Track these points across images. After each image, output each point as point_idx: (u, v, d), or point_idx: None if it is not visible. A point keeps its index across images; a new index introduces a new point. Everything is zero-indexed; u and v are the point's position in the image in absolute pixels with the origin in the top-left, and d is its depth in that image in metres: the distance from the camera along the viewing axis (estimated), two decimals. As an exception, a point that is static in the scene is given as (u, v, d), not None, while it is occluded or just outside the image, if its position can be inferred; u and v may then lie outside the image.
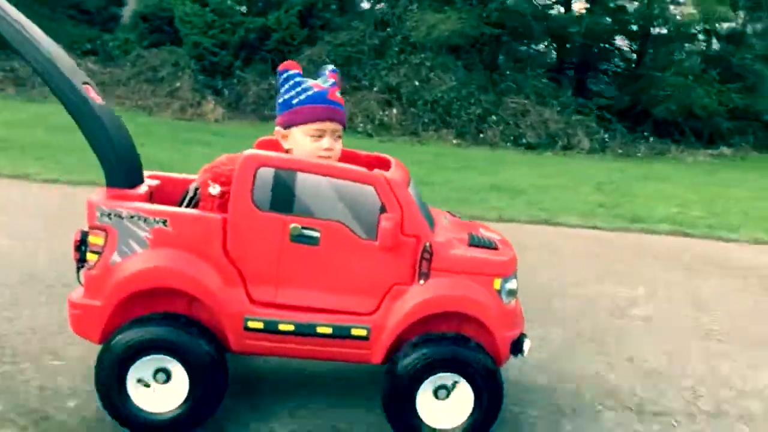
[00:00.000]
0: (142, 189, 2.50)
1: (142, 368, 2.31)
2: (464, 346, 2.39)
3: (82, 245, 2.34)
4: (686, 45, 14.84)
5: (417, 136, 11.57)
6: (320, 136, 2.46)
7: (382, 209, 2.34)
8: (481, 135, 11.69)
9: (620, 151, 12.21)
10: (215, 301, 2.32)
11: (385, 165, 2.63)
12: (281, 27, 12.19)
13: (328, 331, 2.38)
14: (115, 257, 2.31)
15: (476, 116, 11.73)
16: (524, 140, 11.78)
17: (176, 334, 2.29)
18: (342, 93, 2.56)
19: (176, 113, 11.28)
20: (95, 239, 2.31)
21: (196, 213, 2.37)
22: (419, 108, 11.85)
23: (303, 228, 2.32)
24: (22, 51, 2.30)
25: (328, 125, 2.46)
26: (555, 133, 12.01)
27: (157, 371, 2.32)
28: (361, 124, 11.62)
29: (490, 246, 2.52)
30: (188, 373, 2.31)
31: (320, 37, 12.55)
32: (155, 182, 2.65)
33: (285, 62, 2.54)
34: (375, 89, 12.09)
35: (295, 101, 2.46)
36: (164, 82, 11.80)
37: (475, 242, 2.51)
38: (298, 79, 2.49)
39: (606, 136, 12.50)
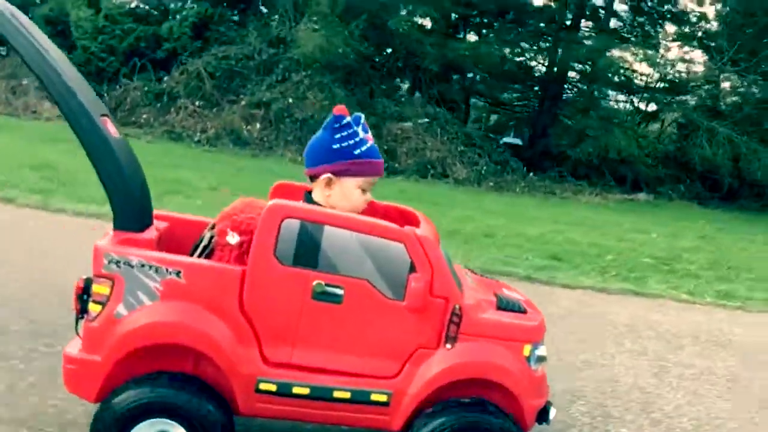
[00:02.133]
0: (151, 233, 2.31)
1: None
2: (489, 415, 2.26)
3: (84, 294, 2.14)
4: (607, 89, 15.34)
5: (272, 152, 11.69)
6: (366, 190, 2.34)
7: (412, 268, 2.20)
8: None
9: (491, 184, 12.47)
10: (226, 360, 2.14)
11: (410, 218, 2.50)
12: (173, 37, 12.33)
13: (346, 395, 2.22)
14: (121, 309, 2.11)
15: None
16: (396, 166, 11.87)
17: (181, 397, 2.10)
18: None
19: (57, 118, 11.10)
20: (100, 288, 2.11)
21: (213, 264, 2.19)
22: (286, 125, 11.98)
23: (327, 285, 2.17)
24: (40, 75, 2.12)
25: (375, 180, 2.38)
26: (431, 161, 12.21)
27: (158, 435, 2.12)
28: (223, 137, 11.74)
29: (518, 309, 2.40)
30: (193, 439, 2.12)
31: (208, 50, 12.70)
32: (163, 225, 2.46)
33: (338, 107, 2.39)
34: (243, 103, 12.21)
35: (357, 152, 2.32)
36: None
37: (504, 305, 2.39)
38: (354, 129, 2.35)
39: (484, 167, 12.69)
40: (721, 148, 14.19)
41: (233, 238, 2.21)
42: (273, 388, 2.18)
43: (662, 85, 16.02)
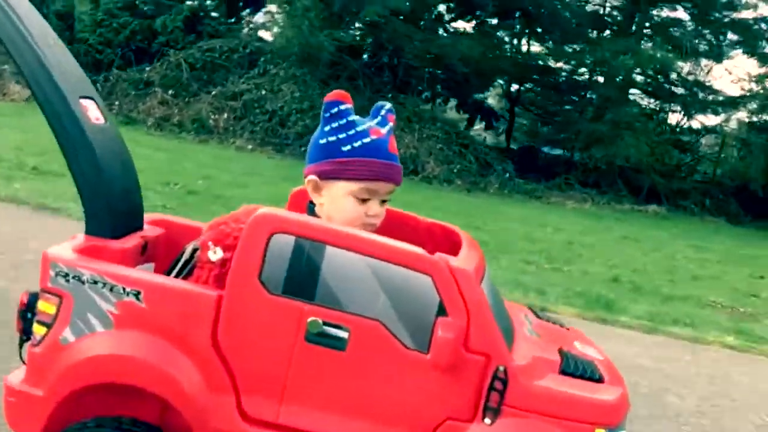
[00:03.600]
0: (131, 242, 1.88)
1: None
2: None
3: (28, 311, 1.73)
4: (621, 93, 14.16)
5: (232, 140, 11.57)
6: (367, 199, 1.78)
7: (441, 310, 1.63)
8: (304, 149, 11.39)
9: (467, 187, 11.86)
10: (193, 411, 1.65)
11: (452, 240, 1.92)
12: (166, 31, 12.68)
13: (347, 474, 1.67)
14: (67, 334, 1.68)
15: (308, 129, 11.53)
16: None
17: (133, 453, 1.63)
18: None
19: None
20: (45, 306, 1.69)
21: (181, 286, 1.72)
22: (255, 116, 11.89)
23: (325, 324, 1.64)
24: (8, 45, 1.77)
25: (381, 186, 1.78)
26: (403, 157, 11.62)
27: (106, 497, 1.67)
28: (188, 126, 11.84)
29: (591, 376, 1.75)
30: None
31: (195, 43, 12.92)
32: (157, 231, 2.03)
33: (334, 91, 1.86)
34: (213, 93, 12.22)
35: (345, 148, 1.78)
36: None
37: (571, 369, 1.75)
38: (351, 118, 1.82)
39: (457, 167, 12.13)
40: (755, 161, 12.83)
41: (215, 254, 1.73)
42: (252, 453, 1.67)
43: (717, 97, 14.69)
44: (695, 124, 14.98)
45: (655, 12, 14.67)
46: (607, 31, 15.11)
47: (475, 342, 1.64)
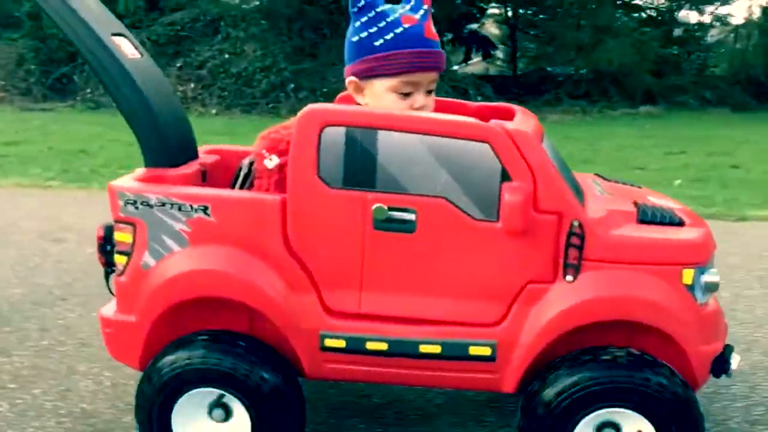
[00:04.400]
0: (190, 168, 1.91)
1: (191, 403, 1.74)
2: (640, 368, 1.61)
3: (107, 244, 1.80)
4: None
5: (202, 108, 11.28)
6: (409, 93, 1.73)
7: (504, 176, 1.59)
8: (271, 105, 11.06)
9: None
10: (279, 313, 1.70)
11: (507, 115, 1.87)
12: (130, 13, 12.12)
13: (436, 350, 1.69)
14: (147, 259, 1.73)
15: (273, 85, 11.17)
16: None
17: (230, 361, 1.69)
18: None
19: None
20: (121, 236, 1.75)
21: (244, 195, 1.74)
22: (222, 81, 11.59)
23: (391, 209, 1.63)
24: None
25: (422, 77, 1.73)
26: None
27: (212, 406, 1.75)
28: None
29: (672, 221, 1.70)
30: (249, 413, 1.72)
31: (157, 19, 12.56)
32: (213, 158, 2.06)
33: None
34: (179, 65, 11.94)
35: (378, 42, 1.72)
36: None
37: (649, 217, 1.70)
38: (380, 8, 1.75)
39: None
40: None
41: (271, 161, 1.74)
42: (341, 344, 1.71)
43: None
44: (692, 17, 13.81)
45: None
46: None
47: (544, 201, 1.60)
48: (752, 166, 6.28)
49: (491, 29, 15.84)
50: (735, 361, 1.70)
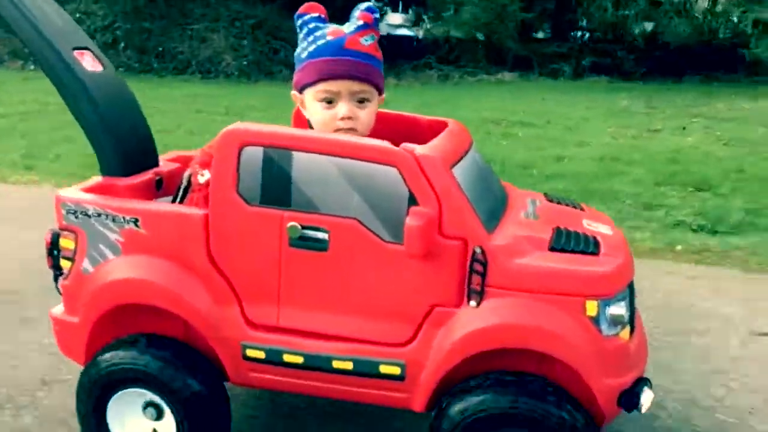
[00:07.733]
0: (142, 177, 2.02)
1: (125, 401, 1.86)
2: (541, 396, 1.62)
3: (53, 249, 1.93)
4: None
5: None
6: (332, 101, 1.79)
7: (412, 200, 1.63)
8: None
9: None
10: (204, 323, 1.79)
11: (438, 131, 1.90)
12: None
13: (348, 366, 1.74)
14: (86, 265, 1.86)
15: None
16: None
17: (157, 365, 1.80)
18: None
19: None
20: (66, 242, 1.88)
21: (171, 208, 1.83)
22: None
23: (304, 227, 1.69)
24: (5, 16, 1.93)
25: (340, 85, 1.78)
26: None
27: (145, 405, 1.86)
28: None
29: (585, 250, 1.69)
30: (174, 415, 1.82)
31: None
32: (172, 166, 2.17)
33: (306, 4, 1.88)
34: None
35: (303, 54, 1.83)
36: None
37: (560, 244, 1.69)
38: (313, 25, 1.83)
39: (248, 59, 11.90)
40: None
41: (203, 177, 1.83)
42: (261, 355, 1.78)
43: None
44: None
45: None
46: None
47: (449, 227, 1.63)
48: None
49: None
50: (646, 396, 1.67)
